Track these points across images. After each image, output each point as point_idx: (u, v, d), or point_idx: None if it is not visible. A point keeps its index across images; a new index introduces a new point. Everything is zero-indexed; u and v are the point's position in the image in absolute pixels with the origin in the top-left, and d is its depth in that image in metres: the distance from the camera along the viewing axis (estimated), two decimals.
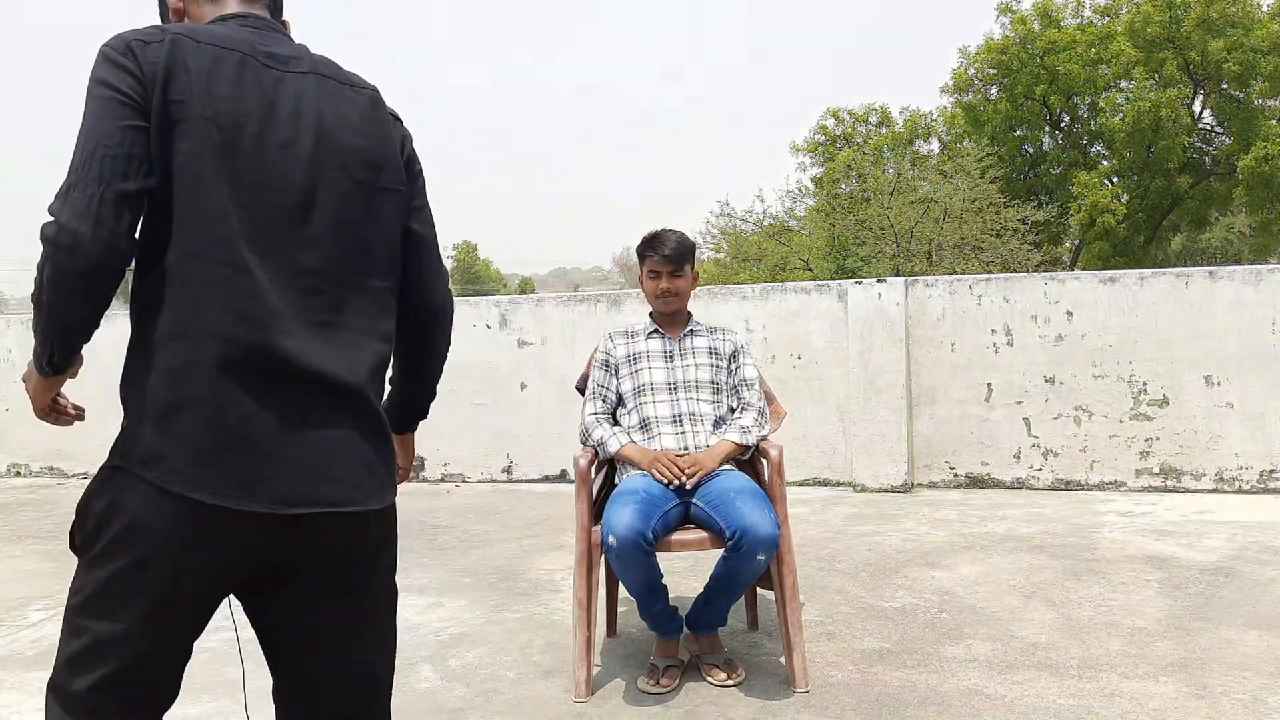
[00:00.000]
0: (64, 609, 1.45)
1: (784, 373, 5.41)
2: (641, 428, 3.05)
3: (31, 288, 1.42)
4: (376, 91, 1.63)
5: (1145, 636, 3.07)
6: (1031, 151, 27.07)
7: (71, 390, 1.55)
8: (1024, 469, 5.20)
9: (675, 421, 3.04)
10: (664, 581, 2.82)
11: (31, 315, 1.43)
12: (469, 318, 5.86)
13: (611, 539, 2.65)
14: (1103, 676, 2.79)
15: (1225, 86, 23.98)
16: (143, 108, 1.40)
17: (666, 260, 3.09)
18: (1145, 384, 5.04)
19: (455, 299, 1.95)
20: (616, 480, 3.07)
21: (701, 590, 2.94)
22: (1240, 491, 4.92)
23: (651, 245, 3.13)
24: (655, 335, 3.17)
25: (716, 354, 3.15)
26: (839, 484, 5.41)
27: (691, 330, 3.19)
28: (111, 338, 2.31)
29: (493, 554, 4.31)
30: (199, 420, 1.37)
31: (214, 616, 1.47)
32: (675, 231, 3.18)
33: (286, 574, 1.48)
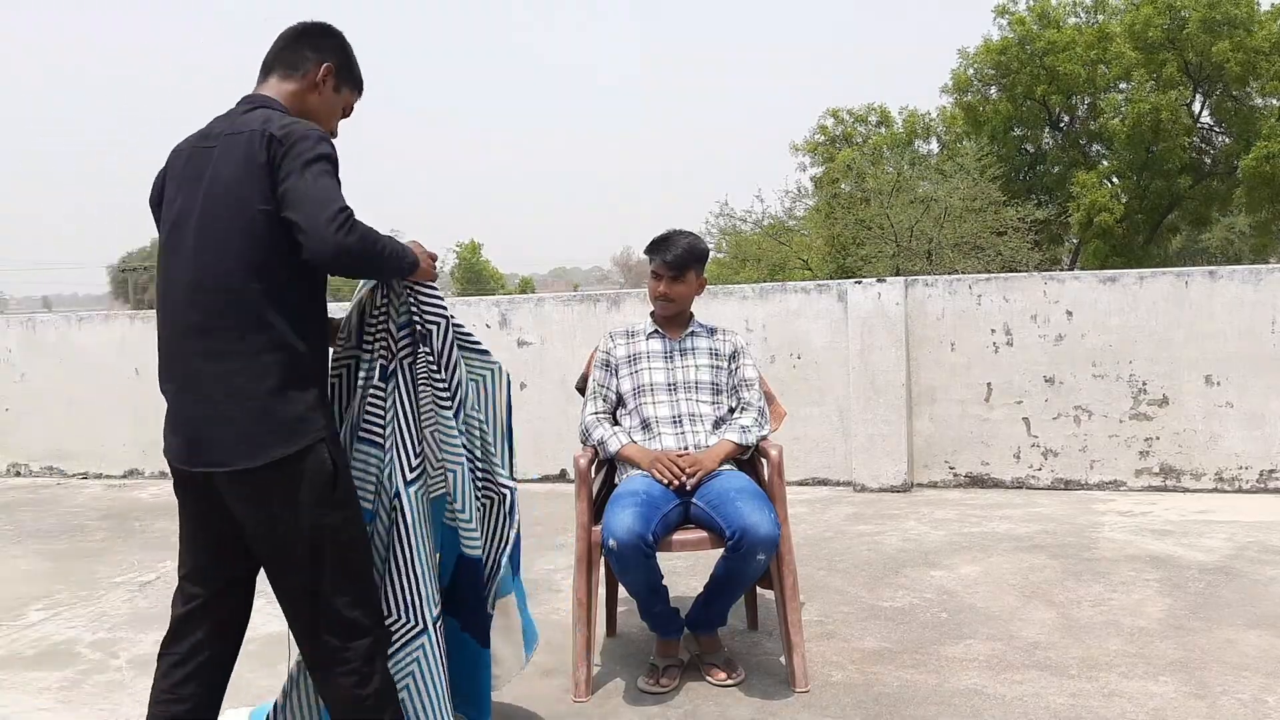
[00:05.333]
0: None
1: (784, 373, 5.40)
2: (643, 428, 3.04)
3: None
4: (255, 130, 1.90)
5: (1145, 636, 3.07)
6: (1031, 151, 27.06)
7: (74, 390, 1.55)
8: (1024, 469, 5.20)
9: (675, 422, 3.02)
10: (664, 583, 2.82)
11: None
12: (468, 318, 5.86)
13: (612, 542, 2.65)
14: (1102, 676, 2.79)
15: (1224, 87, 23.97)
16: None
17: (667, 265, 3.05)
18: (1145, 384, 5.04)
19: (455, 298, 2.15)
20: (616, 480, 3.06)
21: (701, 590, 2.94)
22: (1240, 491, 4.92)
23: (657, 247, 3.08)
24: (655, 336, 3.16)
25: (716, 355, 3.13)
26: (839, 484, 5.41)
27: (692, 331, 3.16)
28: (113, 337, 2.33)
29: None
30: None
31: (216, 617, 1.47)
32: (688, 236, 3.10)
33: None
